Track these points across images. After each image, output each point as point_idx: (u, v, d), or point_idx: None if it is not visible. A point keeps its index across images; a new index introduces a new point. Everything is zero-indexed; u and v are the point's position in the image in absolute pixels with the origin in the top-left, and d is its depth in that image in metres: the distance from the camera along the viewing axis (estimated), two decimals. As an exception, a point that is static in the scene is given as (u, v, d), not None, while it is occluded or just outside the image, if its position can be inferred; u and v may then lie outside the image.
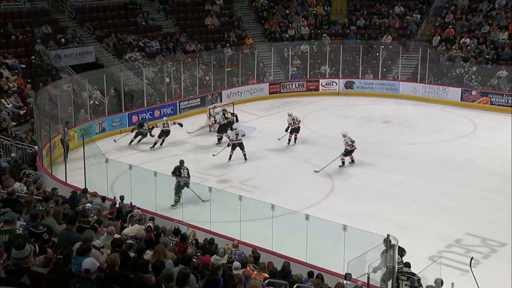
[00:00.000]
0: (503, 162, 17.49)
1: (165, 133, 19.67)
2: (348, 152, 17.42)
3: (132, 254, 7.39)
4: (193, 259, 8.12)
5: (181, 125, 20.38)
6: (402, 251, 10.16)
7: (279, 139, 19.82)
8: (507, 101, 23.71)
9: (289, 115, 19.85)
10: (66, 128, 17.31)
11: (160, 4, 29.01)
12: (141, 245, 7.47)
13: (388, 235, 9.63)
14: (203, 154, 19.10)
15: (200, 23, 29.15)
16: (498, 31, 26.49)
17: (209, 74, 25.71)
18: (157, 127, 19.99)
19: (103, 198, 12.20)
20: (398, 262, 9.53)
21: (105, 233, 8.14)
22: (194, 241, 10.58)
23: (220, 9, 30.12)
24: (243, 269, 8.46)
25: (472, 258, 9.59)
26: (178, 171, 14.48)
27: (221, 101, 24.50)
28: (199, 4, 30.23)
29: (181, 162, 14.91)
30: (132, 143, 19.92)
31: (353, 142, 17.38)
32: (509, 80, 24.33)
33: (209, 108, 22.18)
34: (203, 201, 13.75)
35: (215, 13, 29.67)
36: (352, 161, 17.63)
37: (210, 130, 21.52)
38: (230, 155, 18.13)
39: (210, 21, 29.13)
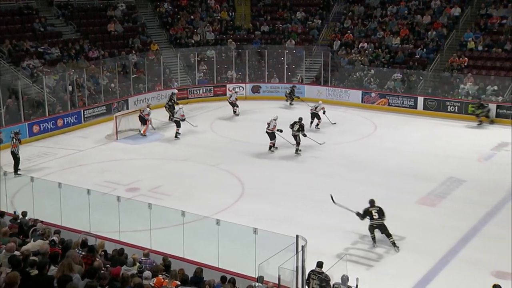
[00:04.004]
0: (403, 161, 18.50)
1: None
2: (271, 135, 19.41)
3: (36, 271, 7.06)
4: (102, 271, 7.91)
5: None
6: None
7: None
8: (403, 102, 25.16)
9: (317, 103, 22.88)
10: (15, 139, 17.02)
11: (59, 10, 27.92)
12: (43, 261, 7.15)
13: (297, 236, 9.94)
14: (110, 163, 18.66)
15: (103, 29, 28.39)
16: (391, 36, 28.05)
17: (114, 81, 25.13)
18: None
19: (2, 213, 11.54)
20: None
21: (4, 251, 7.71)
22: (103, 253, 10.29)
23: (123, 15, 29.50)
24: (154, 278, 8.37)
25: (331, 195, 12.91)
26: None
27: (127, 109, 24.05)
28: (100, 10, 29.42)
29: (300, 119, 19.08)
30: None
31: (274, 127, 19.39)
32: (403, 83, 25.83)
33: (116, 116, 21.70)
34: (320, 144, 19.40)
35: (118, 19, 29.03)
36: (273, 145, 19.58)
37: (116, 139, 21.07)
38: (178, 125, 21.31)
39: (113, 27, 28.46)
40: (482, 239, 13.16)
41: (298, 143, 19.13)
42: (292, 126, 19.26)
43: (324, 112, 22.56)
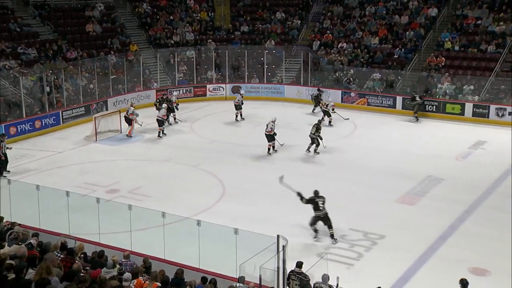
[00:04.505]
0: (382, 161, 18.65)
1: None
2: (268, 137, 19.18)
3: (13, 275, 6.96)
4: (82, 273, 7.84)
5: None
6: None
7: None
8: (382, 102, 25.37)
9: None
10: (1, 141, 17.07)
11: (35, 10, 27.56)
12: (20, 264, 7.04)
13: (278, 236, 9.98)
14: (89, 164, 18.51)
15: (81, 30, 28.10)
16: (370, 36, 28.28)
17: (93, 82, 24.91)
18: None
19: (-21, 217, 11.36)
20: None
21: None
22: (82, 255, 10.19)
23: (101, 15, 29.24)
24: (134, 280, 8.32)
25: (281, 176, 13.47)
26: None
27: (107, 109, 23.87)
28: (78, 10, 29.13)
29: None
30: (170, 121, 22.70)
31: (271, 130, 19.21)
32: (382, 82, 26.05)
33: (95, 117, 21.53)
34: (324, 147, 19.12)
35: (96, 20, 28.77)
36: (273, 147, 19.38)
37: (95, 140, 20.90)
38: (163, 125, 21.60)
39: (92, 28, 28.20)
40: (459, 236, 13.35)
41: (316, 145, 19.14)
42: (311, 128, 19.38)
43: (333, 109, 23.14)
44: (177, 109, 23.37)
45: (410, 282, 11.37)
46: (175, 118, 23.21)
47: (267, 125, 19.41)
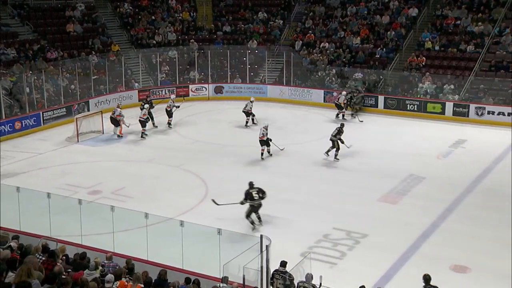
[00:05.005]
0: (364, 160, 18.75)
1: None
2: (261, 142, 18.66)
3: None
4: (64, 276, 7.78)
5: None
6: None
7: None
8: (364, 101, 25.46)
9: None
10: None
11: (14, 9, 27.22)
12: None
13: (261, 236, 10.00)
14: (71, 165, 18.34)
15: (62, 30, 27.82)
16: (352, 36, 28.44)
17: (74, 83, 24.68)
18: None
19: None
20: None
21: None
22: (64, 257, 10.10)
23: (82, 15, 28.98)
24: (117, 282, 8.28)
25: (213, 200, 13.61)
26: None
27: (88, 110, 23.67)
28: (58, 10, 28.84)
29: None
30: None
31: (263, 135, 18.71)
32: (364, 82, 26.18)
33: (76, 118, 21.35)
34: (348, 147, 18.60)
35: (77, 20, 28.51)
36: (268, 152, 18.89)
37: (77, 141, 20.72)
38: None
39: (72, 28, 27.93)
40: (441, 234, 13.49)
41: (337, 149, 18.52)
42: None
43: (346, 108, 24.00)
44: (172, 114, 22.80)
45: (392, 280, 11.47)
46: (169, 123, 22.66)
47: (260, 130, 19.12)
